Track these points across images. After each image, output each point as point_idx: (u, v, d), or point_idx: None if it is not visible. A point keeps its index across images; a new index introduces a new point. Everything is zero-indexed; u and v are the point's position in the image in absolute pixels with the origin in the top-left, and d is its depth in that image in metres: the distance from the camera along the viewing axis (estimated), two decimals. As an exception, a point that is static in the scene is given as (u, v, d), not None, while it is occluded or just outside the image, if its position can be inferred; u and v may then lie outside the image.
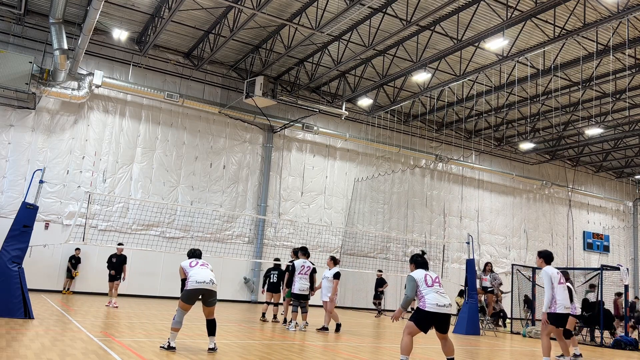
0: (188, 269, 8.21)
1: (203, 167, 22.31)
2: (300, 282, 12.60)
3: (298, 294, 12.56)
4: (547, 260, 8.94)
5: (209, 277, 8.07)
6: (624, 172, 34.04)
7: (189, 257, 8.58)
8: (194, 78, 22.55)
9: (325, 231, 23.96)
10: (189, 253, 8.73)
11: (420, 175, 27.78)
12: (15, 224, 10.70)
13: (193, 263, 8.37)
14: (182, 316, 7.89)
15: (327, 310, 12.52)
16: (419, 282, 7.19)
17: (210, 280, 8.06)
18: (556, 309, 8.58)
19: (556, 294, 8.60)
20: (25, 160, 19.12)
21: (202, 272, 8.11)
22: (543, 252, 9.14)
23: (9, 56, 17.98)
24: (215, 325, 8.06)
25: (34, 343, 7.56)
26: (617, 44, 17.84)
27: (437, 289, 7.17)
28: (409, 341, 7.15)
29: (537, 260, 9.08)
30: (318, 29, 17.16)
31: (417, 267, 7.48)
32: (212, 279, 8.10)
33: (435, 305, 7.02)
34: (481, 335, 14.96)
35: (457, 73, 20.18)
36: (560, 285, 8.69)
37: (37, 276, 17.20)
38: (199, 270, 8.15)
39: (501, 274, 22.55)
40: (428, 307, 7.02)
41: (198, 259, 8.49)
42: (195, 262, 8.38)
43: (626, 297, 15.25)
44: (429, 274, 7.33)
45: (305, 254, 13.09)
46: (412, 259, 7.68)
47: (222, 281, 15.48)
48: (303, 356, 8.35)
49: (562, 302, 8.61)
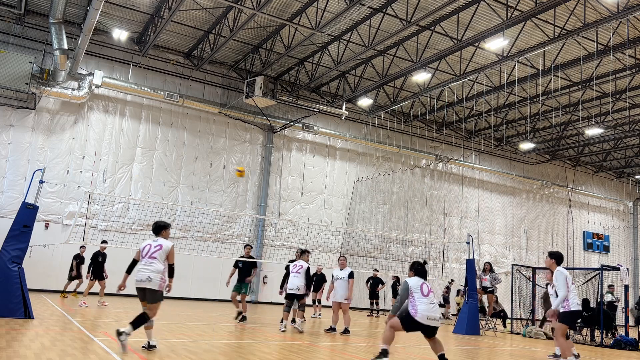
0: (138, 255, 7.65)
1: (203, 167, 22.31)
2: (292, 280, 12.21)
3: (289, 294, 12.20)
4: (558, 261, 8.92)
5: (145, 275, 7.40)
6: (624, 172, 34.04)
7: (153, 232, 7.89)
8: (194, 78, 22.55)
9: (325, 231, 23.96)
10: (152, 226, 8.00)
11: (420, 175, 27.77)
12: (15, 224, 10.69)
13: (144, 251, 7.63)
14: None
15: (343, 311, 12.40)
16: (414, 289, 7.36)
17: (147, 278, 7.38)
18: (570, 306, 8.55)
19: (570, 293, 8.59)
20: (25, 160, 19.12)
21: (141, 269, 7.49)
22: (555, 252, 9.07)
23: (9, 56, 17.98)
24: (143, 319, 7.34)
25: (34, 343, 7.56)
26: (617, 44, 17.84)
27: (432, 300, 7.37)
28: (390, 334, 7.41)
29: (548, 261, 9.00)
30: (318, 29, 17.16)
31: (415, 275, 7.62)
32: (149, 276, 7.39)
33: (425, 318, 7.21)
34: (481, 335, 14.96)
35: (457, 73, 20.18)
36: (572, 285, 8.74)
37: (37, 276, 17.19)
38: (140, 266, 7.54)
39: (501, 274, 22.51)
40: (418, 317, 7.19)
41: (149, 246, 7.64)
42: (145, 250, 7.63)
43: (626, 297, 15.26)
44: (426, 283, 7.49)
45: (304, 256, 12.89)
46: (412, 265, 7.82)
47: (222, 281, 15.49)
48: (303, 356, 8.35)
49: (574, 300, 8.63)
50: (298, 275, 12.18)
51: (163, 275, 7.52)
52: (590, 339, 15.10)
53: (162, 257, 7.56)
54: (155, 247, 7.62)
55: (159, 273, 7.48)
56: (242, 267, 13.57)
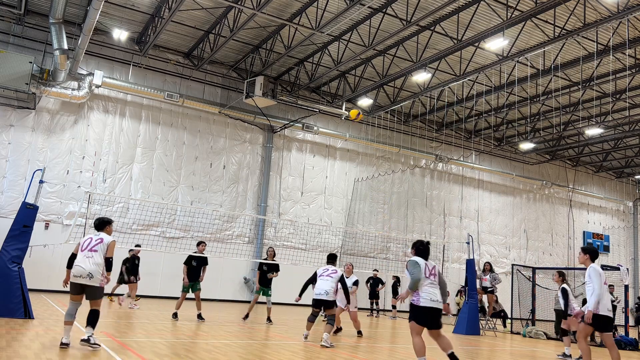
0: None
1: (203, 167, 22.31)
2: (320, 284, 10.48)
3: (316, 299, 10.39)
4: (593, 256, 8.03)
5: (86, 271, 7.29)
6: (624, 172, 34.04)
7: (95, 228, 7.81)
8: (194, 78, 22.56)
9: (325, 231, 23.96)
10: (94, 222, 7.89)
11: (420, 175, 27.78)
12: (15, 224, 10.69)
13: (85, 244, 7.53)
14: (72, 309, 7.41)
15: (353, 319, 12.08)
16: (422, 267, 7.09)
17: (88, 275, 7.27)
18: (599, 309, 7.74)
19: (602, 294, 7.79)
20: (25, 160, 19.12)
21: (80, 263, 7.37)
22: (589, 248, 8.17)
23: (9, 56, 17.98)
24: (96, 316, 7.39)
25: (34, 343, 7.56)
26: (617, 44, 17.84)
27: (432, 282, 7.08)
28: (419, 342, 7.01)
29: (582, 257, 8.06)
30: (318, 29, 17.16)
31: (416, 254, 7.29)
32: (90, 272, 7.28)
33: (429, 300, 6.96)
34: (481, 335, 14.96)
35: (457, 73, 20.18)
36: (605, 286, 7.92)
37: (37, 276, 17.19)
38: (79, 259, 7.42)
39: (501, 274, 22.52)
40: (422, 302, 6.95)
41: (90, 240, 7.55)
42: (86, 244, 7.54)
43: (626, 297, 15.27)
44: (427, 263, 7.17)
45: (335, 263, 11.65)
46: (414, 244, 7.44)
47: (222, 281, 15.50)
48: (303, 356, 8.35)
49: (605, 304, 7.82)
50: (329, 280, 10.29)
51: (102, 269, 7.47)
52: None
53: (102, 251, 7.51)
54: (97, 240, 7.57)
55: (99, 267, 7.40)
56: (195, 265, 12.99)
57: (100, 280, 7.36)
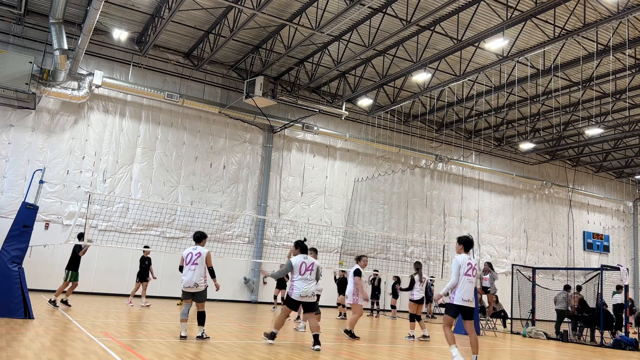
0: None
1: (203, 167, 22.31)
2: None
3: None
4: (466, 247, 8.24)
5: (192, 282, 9.23)
6: (624, 172, 34.04)
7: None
8: (194, 78, 22.55)
9: (325, 231, 23.94)
10: None
11: (420, 176, 27.78)
12: (15, 224, 10.69)
13: (187, 259, 9.48)
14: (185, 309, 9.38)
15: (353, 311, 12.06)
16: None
17: (195, 284, 9.25)
18: (453, 299, 8.00)
19: (461, 284, 7.97)
20: (25, 160, 19.12)
21: (187, 275, 9.36)
22: (462, 238, 8.32)
23: (9, 56, 17.97)
24: (202, 317, 9.27)
25: (34, 343, 7.56)
26: (617, 44, 17.84)
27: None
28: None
29: (457, 247, 8.24)
30: (318, 29, 17.16)
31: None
32: (195, 282, 9.17)
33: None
34: (481, 335, 14.96)
35: (457, 73, 20.18)
36: (466, 277, 8.03)
37: (37, 276, 17.20)
38: (186, 271, 9.42)
39: (501, 274, 22.53)
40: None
41: (190, 255, 9.36)
42: (188, 258, 9.39)
43: (626, 297, 15.28)
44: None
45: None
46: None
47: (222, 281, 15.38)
48: (303, 356, 8.35)
49: (462, 295, 7.97)
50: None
51: (204, 279, 9.20)
52: (590, 339, 15.10)
53: (202, 263, 9.13)
54: (196, 254, 9.15)
55: (202, 277, 9.16)
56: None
57: (205, 286, 9.11)
